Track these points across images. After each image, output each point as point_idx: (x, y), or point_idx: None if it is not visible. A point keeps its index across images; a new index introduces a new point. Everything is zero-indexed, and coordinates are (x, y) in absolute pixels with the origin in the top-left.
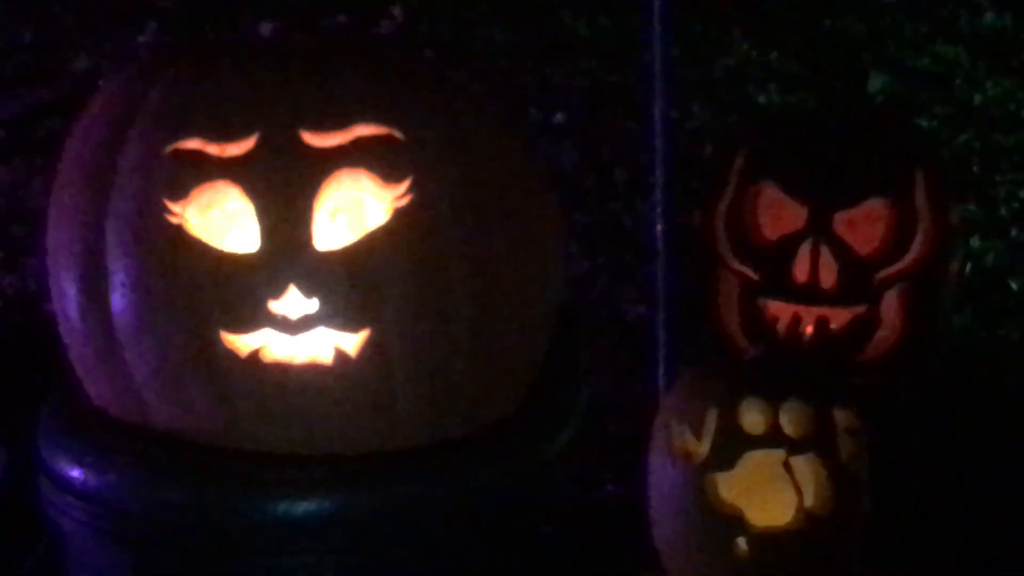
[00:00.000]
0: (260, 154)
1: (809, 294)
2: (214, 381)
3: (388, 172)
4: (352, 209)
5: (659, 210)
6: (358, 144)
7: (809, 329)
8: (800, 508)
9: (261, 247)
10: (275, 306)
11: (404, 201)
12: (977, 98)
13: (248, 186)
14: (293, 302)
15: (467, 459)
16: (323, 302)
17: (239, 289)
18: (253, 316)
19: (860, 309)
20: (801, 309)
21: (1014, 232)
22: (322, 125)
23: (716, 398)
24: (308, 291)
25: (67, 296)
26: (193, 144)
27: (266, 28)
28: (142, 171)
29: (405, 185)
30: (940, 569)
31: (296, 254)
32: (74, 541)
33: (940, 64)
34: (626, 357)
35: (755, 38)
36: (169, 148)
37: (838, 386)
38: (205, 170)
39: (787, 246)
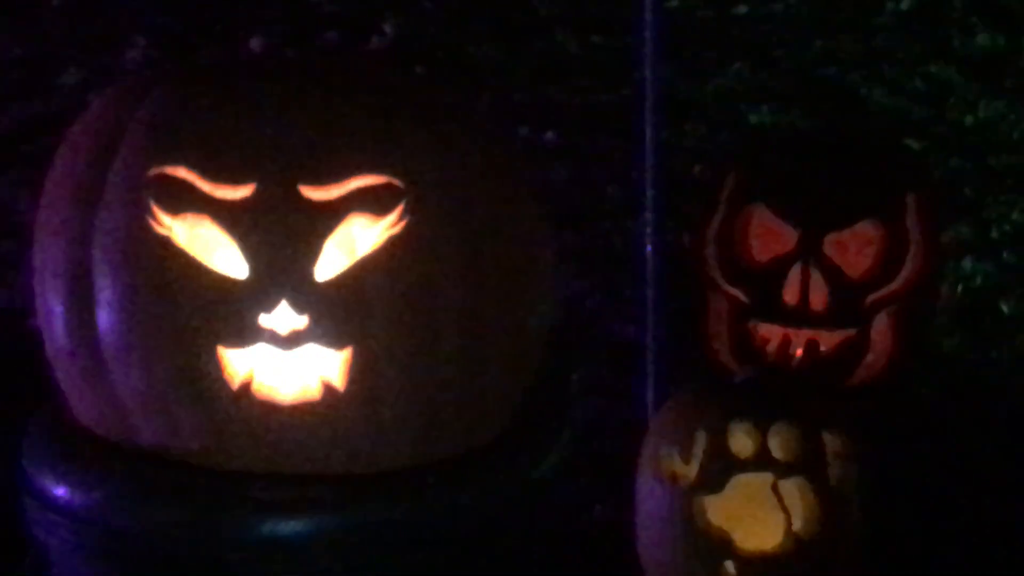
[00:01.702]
0: (257, 205)
1: (799, 317)
2: (201, 401)
3: (381, 209)
4: (344, 237)
5: (649, 230)
6: (356, 194)
7: (799, 352)
8: (789, 532)
9: (251, 274)
10: (265, 320)
11: (396, 229)
12: (969, 119)
13: (242, 237)
14: (284, 317)
15: (454, 481)
16: (313, 319)
17: (229, 305)
18: (243, 330)
19: (850, 332)
20: (791, 332)
21: (1006, 255)
22: (322, 179)
23: (705, 421)
24: (300, 308)
25: (53, 313)
26: (181, 173)
27: (256, 44)
28: (130, 187)
29: (396, 213)
30: None
31: (290, 279)
32: (59, 560)
33: (932, 85)
34: (615, 378)
35: (747, 58)
36: (156, 171)
37: (828, 409)
38: (197, 203)
39: (777, 268)
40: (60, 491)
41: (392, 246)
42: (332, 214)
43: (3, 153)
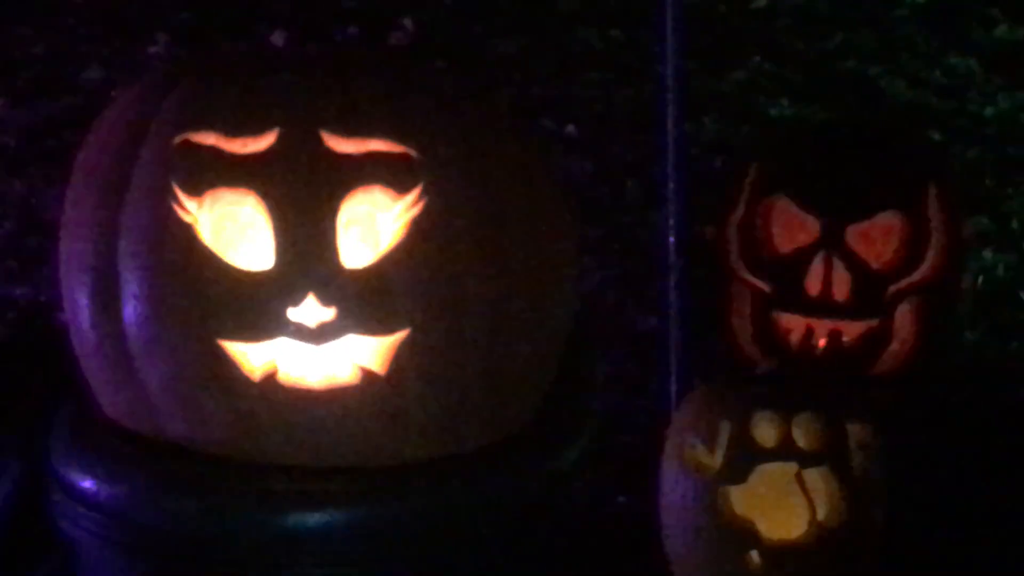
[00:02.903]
0: (279, 153)
1: (822, 307)
2: (228, 396)
3: (400, 185)
4: (365, 221)
5: (671, 222)
6: (373, 158)
7: (822, 342)
8: (813, 521)
9: (277, 262)
10: (293, 314)
11: (416, 210)
12: (989, 111)
13: (264, 191)
14: (311, 310)
15: (480, 471)
16: (340, 310)
17: (255, 298)
18: (269, 325)
19: (873, 322)
20: (814, 322)
21: None
22: (343, 128)
23: (729, 411)
24: (326, 300)
25: (79, 307)
26: (209, 139)
27: (278, 39)
28: (156, 169)
29: (415, 193)
30: None
31: (315, 266)
32: (86, 553)
33: (952, 77)
34: (638, 370)
35: (767, 51)
36: (181, 138)
37: (851, 399)
38: (221, 170)
39: (800, 259)
40: (87, 484)
41: (414, 233)
42: (353, 171)
43: (27, 149)
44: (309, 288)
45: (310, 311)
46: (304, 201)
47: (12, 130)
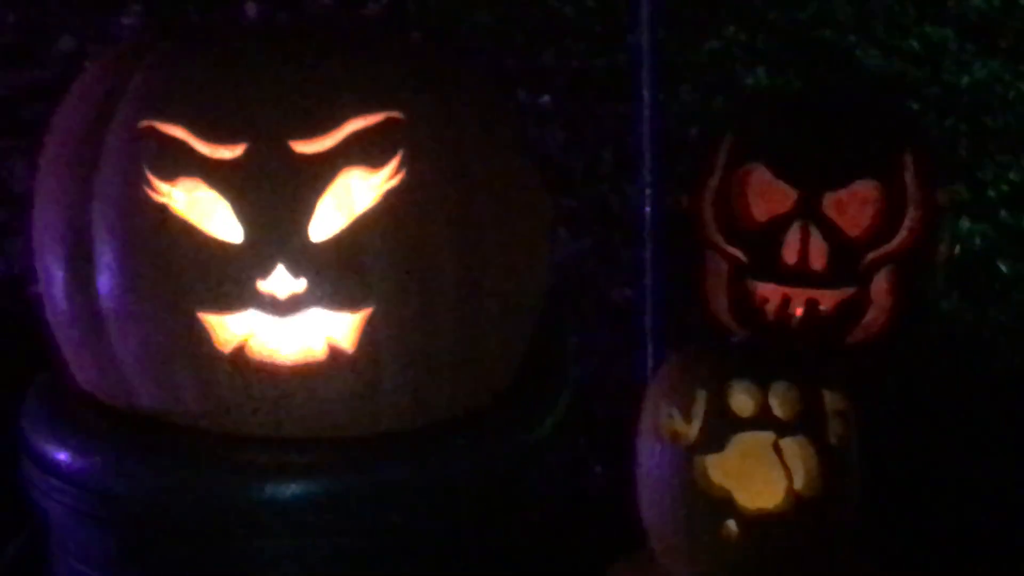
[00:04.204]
0: (249, 163)
1: (798, 276)
2: (199, 368)
3: (378, 159)
4: (341, 193)
5: (647, 192)
6: (349, 143)
7: (799, 311)
8: (790, 490)
9: (247, 234)
10: (263, 285)
11: (394, 182)
12: (965, 80)
13: (235, 198)
14: (281, 281)
15: (453, 442)
16: (311, 281)
17: (226, 269)
18: (240, 296)
19: (849, 291)
20: (790, 291)
21: (1003, 214)
22: (312, 133)
23: (705, 380)
24: (296, 271)
25: (53, 278)
26: (176, 132)
27: (251, 9)
28: (127, 149)
29: (395, 163)
30: (929, 551)
31: (285, 238)
32: (59, 524)
33: (927, 46)
34: (613, 340)
35: (742, 21)
36: (147, 123)
37: (827, 368)
38: (191, 165)
39: (776, 228)
40: (60, 456)
41: (389, 203)
42: (326, 168)
43: None
44: (279, 258)
45: (280, 282)
46: (276, 208)
47: None
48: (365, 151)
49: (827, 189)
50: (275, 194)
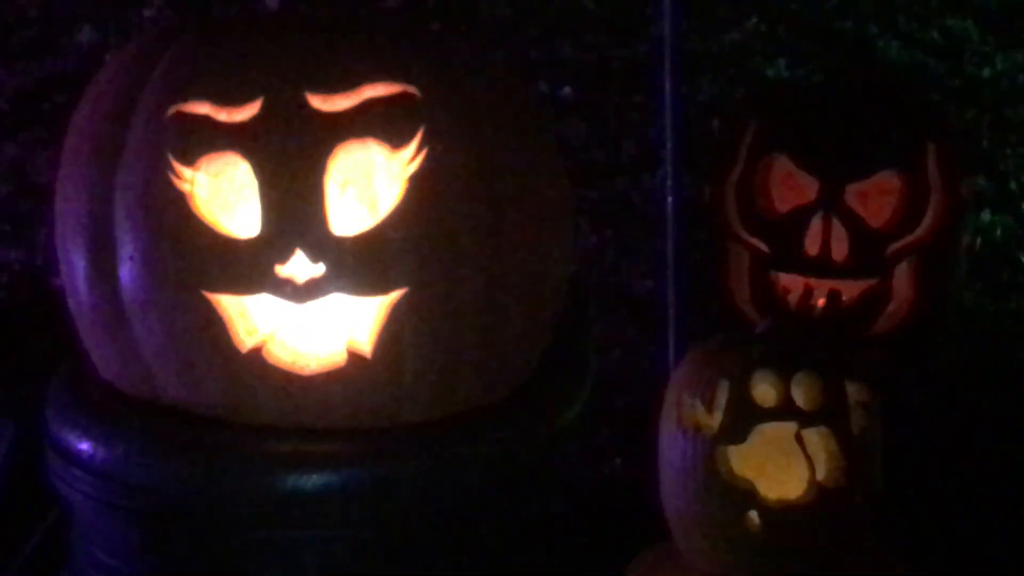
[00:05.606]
0: (265, 120)
1: (821, 267)
2: (220, 361)
3: (397, 136)
4: (361, 180)
5: (668, 184)
6: (366, 108)
7: (821, 302)
8: (812, 481)
9: (266, 227)
10: (282, 270)
11: (415, 167)
12: (986, 72)
13: (254, 158)
14: (300, 265)
15: (476, 433)
16: (330, 267)
17: (245, 254)
18: (260, 281)
19: (872, 282)
20: (813, 282)
21: None
22: (329, 87)
23: (727, 371)
24: (315, 256)
25: (76, 269)
26: (200, 108)
27: (273, 2)
28: (150, 137)
29: (415, 143)
30: (950, 542)
31: (305, 230)
32: (82, 515)
33: (949, 38)
34: (635, 331)
35: (763, 12)
36: (174, 109)
37: (850, 359)
38: (213, 138)
39: (799, 219)
40: (83, 447)
41: (413, 193)
42: (343, 126)
43: (20, 112)
44: (297, 244)
45: (299, 266)
46: (292, 162)
47: (5, 93)
48: (384, 124)
49: (850, 180)
50: (293, 148)
